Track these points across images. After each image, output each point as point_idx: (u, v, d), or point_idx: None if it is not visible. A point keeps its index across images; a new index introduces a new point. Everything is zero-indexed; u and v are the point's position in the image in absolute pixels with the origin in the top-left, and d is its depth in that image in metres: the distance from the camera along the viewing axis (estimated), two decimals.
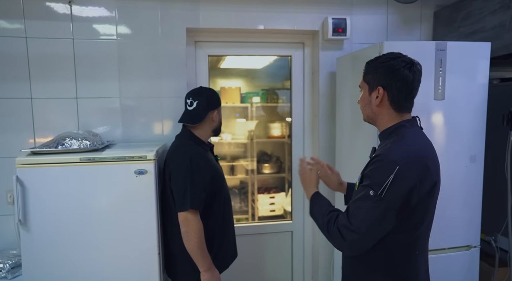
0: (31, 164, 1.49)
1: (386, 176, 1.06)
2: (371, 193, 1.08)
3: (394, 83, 1.17)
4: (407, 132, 1.18)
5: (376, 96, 1.20)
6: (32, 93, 1.99)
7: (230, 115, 3.29)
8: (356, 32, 2.28)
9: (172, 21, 2.09)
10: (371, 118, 1.26)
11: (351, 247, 1.15)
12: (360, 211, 1.10)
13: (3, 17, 1.93)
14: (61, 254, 1.53)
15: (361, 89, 1.29)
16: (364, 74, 1.26)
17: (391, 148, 1.12)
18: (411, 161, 1.09)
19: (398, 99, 1.18)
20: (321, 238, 2.39)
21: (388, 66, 1.18)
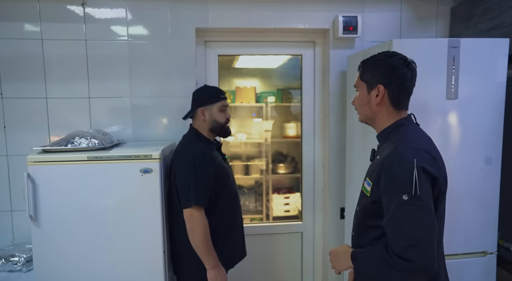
0: (42, 162, 1.54)
1: (410, 174, 1.02)
2: (405, 198, 1.01)
3: (394, 80, 1.15)
4: (408, 130, 1.16)
5: (376, 95, 1.18)
6: (47, 93, 2.06)
7: (245, 114, 3.30)
8: (368, 30, 2.23)
9: (182, 21, 2.11)
10: (370, 117, 1.24)
11: (425, 265, 1.00)
12: (404, 222, 1.01)
13: (21, 20, 2.00)
14: (69, 249, 1.58)
15: (357, 89, 1.26)
16: (360, 73, 1.24)
17: (398, 148, 1.08)
18: (423, 158, 1.06)
19: (398, 97, 1.17)
20: (331, 239, 2.35)
21: (387, 63, 1.16)
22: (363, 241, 1.20)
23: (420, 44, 1.61)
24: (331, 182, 2.32)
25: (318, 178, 2.46)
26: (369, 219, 1.17)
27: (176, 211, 1.67)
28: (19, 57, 2.02)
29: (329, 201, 2.34)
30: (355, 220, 1.27)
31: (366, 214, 1.19)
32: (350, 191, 2.21)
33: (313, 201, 2.48)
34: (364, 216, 1.20)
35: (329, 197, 2.34)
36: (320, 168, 2.44)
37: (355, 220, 1.27)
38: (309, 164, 2.45)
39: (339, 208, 2.34)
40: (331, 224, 2.35)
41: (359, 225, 1.23)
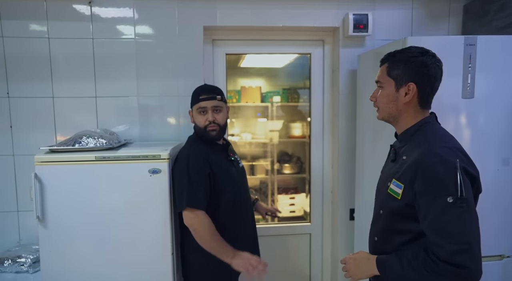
0: (49, 162, 1.51)
1: (453, 175, 0.97)
2: (450, 200, 0.96)
3: (426, 79, 1.11)
4: (436, 129, 1.12)
5: (405, 93, 1.12)
6: (53, 92, 2.03)
7: (251, 114, 3.27)
8: (378, 28, 2.19)
9: (189, 20, 2.08)
10: (394, 116, 1.18)
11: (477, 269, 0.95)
12: (452, 226, 0.96)
13: (28, 18, 1.98)
14: (77, 251, 1.55)
15: (382, 85, 1.19)
16: (388, 68, 1.17)
17: (434, 148, 1.03)
18: (461, 158, 1.02)
19: (427, 96, 1.13)
20: (341, 241, 2.31)
21: (420, 61, 1.11)
22: (389, 246, 1.14)
23: (435, 41, 1.57)
24: (340, 182, 2.28)
25: (326, 178, 2.42)
26: (398, 223, 1.11)
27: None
28: (25, 56, 2.00)
29: (338, 202, 2.30)
30: (379, 224, 1.20)
31: (394, 217, 1.13)
32: (360, 192, 2.17)
33: (321, 202, 2.45)
34: (391, 220, 1.14)
35: (338, 198, 2.30)
36: (329, 169, 2.41)
37: (378, 224, 1.21)
38: (318, 164, 2.42)
39: (348, 209, 2.30)
40: (340, 225, 2.31)
41: (384, 229, 1.17)
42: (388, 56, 1.19)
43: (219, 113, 1.64)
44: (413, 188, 1.04)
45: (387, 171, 1.23)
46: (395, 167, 1.16)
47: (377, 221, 1.22)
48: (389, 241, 1.14)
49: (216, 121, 1.62)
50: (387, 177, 1.19)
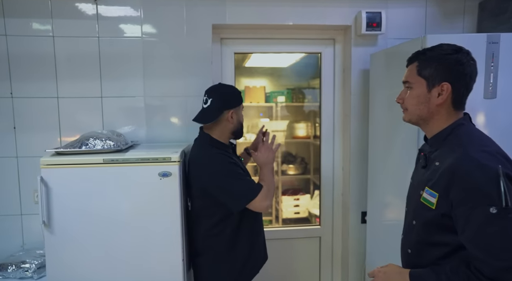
0: (55, 165, 1.46)
1: (495, 183, 0.89)
2: (493, 211, 0.88)
3: (462, 79, 1.03)
4: (472, 131, 1.04)
5: (439, 93, 1.04)
6: (58, 92, 1.98)
7: (255, 115, 3.22)
8: (391, 27, 2.13)
9: (198, 18, 2.03)
10: (424, 118, 1.09)
11: None
12: (497, 240, 0.89)
13: (31, 16, 1.92)
14: (84, 257, 1.50)
15: (410, 85, 1.11)
16: (418, 67, 1.09)
17: (471, 153, 0.95)
18: (503, 163, 0.94)
19: (462, 97, 1.06)
20: (352, 244, 2.25)
21: (455, 59, 1.03)
22: (425, 260, 1.06)
23: (455, 39, 1.48)
24: (352, 185, 2.23)
25: (337, 180, 2.36)
26: (434, 235, 1.03)
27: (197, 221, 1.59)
28: (29, 55, 1.94)
29: (349, 205, 2.25)
30: (412, 236, 1.12)
31: (429, 229, 1.05)
32: (373, 195, 2.11)
33: (332, 204, 2.39)
34: (426, 232, 1.06)
35: (349, 201, 2.24)
36: (340, 171, 2.35)
37: (411, 236, 1.13)
38: (328, 166, 2.36)
39: (360, 212, 2.24)
40: (351, 228, 2.25)
41: (418, 241, 1.09)
42: (418, 54, 1.10)
43: None
44: (449, 197, 0.96)
45: (418, 178, 1.14)
46: (426, 174, 1.08)
47: (410, 232, 1.14)
48: (424, 254, 1.07)
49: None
50: (418, 184, 1.11)
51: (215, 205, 1.52)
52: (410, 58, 1.14)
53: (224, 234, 1.54)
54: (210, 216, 1.55)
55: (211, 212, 1.54)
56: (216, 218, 1.54)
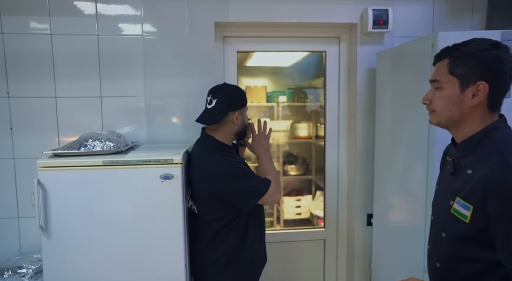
0: (53, 167, 1.40)
1: None
2: None
3: (501, 77, 0.93)
4: (509, 136, 0.94)
5: (473, 94, 0.94)
6: (56, 91, 1.92)
7: (256, 115, 3.18)
8: (398, 25, 2.08)
9: (200, 15, 1.97)
10: (455, 121, 0.99)
11: None
12: None
13: (28, 13, 1.87)
14: (82, 262, 1.44)
15: (439, 85, 1.00)
16: (450, 65, 0.97)
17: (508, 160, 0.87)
18: None
19: (499, 97, 0.95)
20: (357, 247, 2.20)
21: (494, 55, 0.92)
22: (456, 276, 0.97)
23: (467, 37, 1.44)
24: (357, 186, 2.18)
25: (342, 182, 2.31)
26: (467, 250, 0.94)
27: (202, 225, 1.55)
28: (26, 53, 1.89)
29: (355, 207, 2.19)
30: (442, 249, 1.03)
31: (462, 244, 0.95)
32: (379, 197, 2.06)
33: (336, 206, 2.34)
34: (458, 246, 0.96)
35: (355, 203, 2.19)
36: (345, 171, 2.30)
37: (441, 249, 1.04)
38: (333, 167, 2.31)
39: (365, 214, 2.19)
40: (357, 231, 2.20)
41: (448, 255, 1.00)
42: (449, 50, 0.99)
43: None
44: (486, 210, 0.87)
45: (446, 185, 1.04)
46: (456, 182, 0.98)
47: (438, 244, 1.04)
48: (455, 269, 0.98)
49: None
50: (447, 193, 1.01)
51: (222, 209, 1.48)
52: (439, 55, 1.02)
53: (230, 238, 1.51)
54: (217, 220, 1.50)
55: (217, 216, 1.50)
56: (223, 222, 1.50)
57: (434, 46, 1.47)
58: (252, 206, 1.47)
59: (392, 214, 1.91)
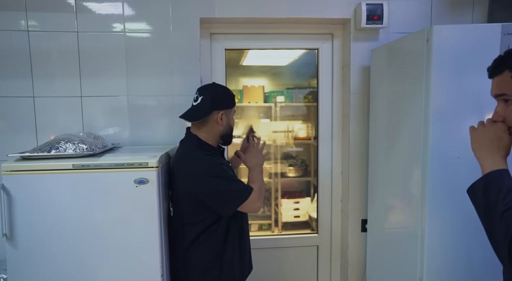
0: (19, 171, 1.31)
1: None
2: None
3: None
4: None
5: None
6: (34, 91, 1.84)
7: (253, 115, 3.09)
8: (394, 20, 1.97)
9: (185, 11, 1.88)
10: None
11: None
12: None
13: (2, 8, 1.78)
14: (52, 273, 1.35)
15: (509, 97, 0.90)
16: None
17: None
18: None
19: None
20: (351, 254, 2.09)
21: None
22: None
23: (466, 31, 1.36)
24: (351, 191, 2.07)
25: (336, 186, 2.21)
26: None
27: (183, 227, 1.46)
28: (2, 51, 1.80)
29: (348, 212, 2.09)
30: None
31: None
32: (374, 202, 1.95)
33: (330, 211, 2.24)
34: None
35: (349, 208, 2.08)
36: (338, 175, 2.19)
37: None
38: (326, 170, 2.20)
39: (360, 220, 2.09)
40: (351, 237, 2.09)
41: None
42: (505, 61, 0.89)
43: None
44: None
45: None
46: None
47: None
48: None
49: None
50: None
51: (202, 211, 1.41)
52: (495, 68, 0.92)
53: (210, 241, 1.43)
54: (197, 223, 1.42)
55: (197, 219, 1.42)
56: (203, 225, 1.42)
57: (429, 41, 1.37)
58: (231, 211, 1.39)
59: (387, 219, 1.81)
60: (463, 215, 1.39)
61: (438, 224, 1.43)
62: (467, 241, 1.42)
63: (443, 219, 1.42)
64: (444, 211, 1.42)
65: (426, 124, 1.41)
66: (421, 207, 1.46)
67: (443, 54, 1.36)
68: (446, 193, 1.41)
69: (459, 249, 1.43)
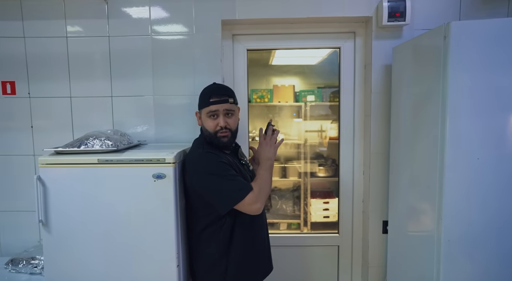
0: (53, 164, 1.46)
1: None
2: None
3: None
4: None
5: None
6: (71, 91, 2.01)
7: (284, 114, 3.11)
8: (419, 17, 1.91)
9: (207, 14, 1.96)
10: None
11: None
12: None
13: (45, 18, 1.97)
14: (79, 257, 1.48)
15: None
16: None
17: None
18: None
19: None
20: (372, 256, 2.06)
21: None
22: None
23: (491, 26, 1.28)
24: (372, 191, 2.04)
25: (357, 186, 2.18)
26: None
27: (192, 221, 1.53)
28: (45, 55, 1.99)
29: (369, 213, 2.06)
30: None
31: None
32: (394, 203, 1.91)
33: (351, 211, 2.21)
34: None
35: (370, 208, 2.05)
36: (360, 175, 2.16)
37: None
38: (348, 170, 2.18)
39: (381, 221, 2.05)
40: (371, 238, 2.06)
41: None
42: None
43: (231, 117, 1.50)
44: None
45: None
46: None
47: None
48: None
49: (228, 126, 1.49)
50: None
51: (205, 207, 1.45)
52: None
53: (216, 238, 1.46)
54: (203, 217, 1.48)
55: (202, 214, 1.48)
56: (208, 220, 1.46)
57: (446, 38, 1.32)
58: (225, 210, 1.39)
59: (408, 222, 1.76)
60: (486, 219, 1.33)
61: (456, 228, 1.38)
62: (485, 247, 1.36)
63: (461, 224, 1.37)
64: (463, 215, 1.37)
65: (443, 125, 1.36)
66: (438, 211, 1.41)
67: (461, 51, 1.31)
68: (465, 196, 1.36)
69: (479, 255, 1.37)
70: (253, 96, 2.74)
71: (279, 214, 2.94)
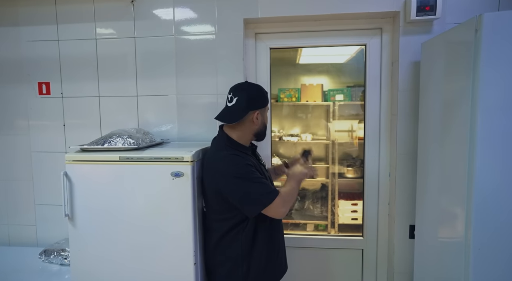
0: (78, 161, 1.52)
1: None
2: None
3: None
4: None
5: None
6: (100, 91, 2.09)
7: (313, 114, 3.07)
8: (452, 9, 1.81)
9: (229, 13, 1.96)
10: None
11: None
12: None
13: (76, 21, 2.06)
14: (102, 251, 1.54)
15: None
16: None
17: None
18: None
19: None
20: (398, 261, 1.97)
21: None
22: None
23: None
24: (398, 193, 1.95)
25: (383, 188, 2.10)
26: None
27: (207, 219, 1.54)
28: (76, 57, 2.09)
29: (395, 216, 1.97)
30: None
31: None
32: (422, 207, 1.81)
33: (376, 214, 2.13)
34: None
35: (396, 212, 1.97)
36: (386, 177, 2.08)
37: None
38: (373, 171, 2.11)
39: (408, 225, 1.96)
40: (397, 243, 1.98)
41: None
42: None
43: None
44: None
45: None
46: None
47: None
48: None
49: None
50: None
51: (229, 210, 1.44)
52: None
53: (238, 241, 1.46)
54: (224, 220, 1.47)
55: (225, 217, 1.47)
56: (231, 223, 1.46)
57: (478, 31, 1.23)
58: (254, 213, 1.39)
59: (437, 227, 1.66)
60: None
61: (486, 235, 1.28)
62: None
63: (491, 230, 1.27)
64: (493, 222, 1.27)
65: (473, 124, 1.27)
66: (466, 217, 1.32)
67: (493, 45, 1.21)
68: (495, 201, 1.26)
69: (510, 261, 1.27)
70: (281, 95, 2.72)
71: (306, 214, 2.90)
